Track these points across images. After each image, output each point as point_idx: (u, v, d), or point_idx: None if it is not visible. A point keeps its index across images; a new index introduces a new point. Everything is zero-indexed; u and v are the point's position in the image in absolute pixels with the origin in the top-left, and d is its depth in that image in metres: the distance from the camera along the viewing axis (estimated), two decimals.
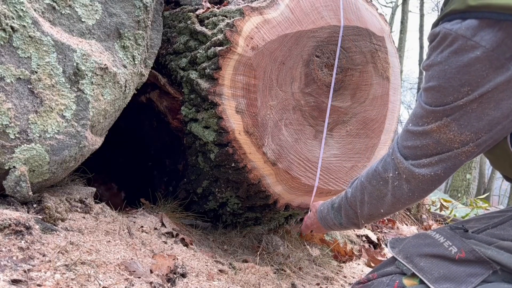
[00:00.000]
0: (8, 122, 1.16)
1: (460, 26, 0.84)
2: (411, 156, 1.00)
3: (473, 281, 0.88)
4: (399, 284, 0.98)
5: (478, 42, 0.82)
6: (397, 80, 1.99)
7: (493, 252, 0.88)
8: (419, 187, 1.01)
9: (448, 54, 0.87)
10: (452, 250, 0.93)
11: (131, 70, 1.52)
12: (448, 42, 0.87)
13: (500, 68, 0.82)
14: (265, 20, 1.59)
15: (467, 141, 0.91)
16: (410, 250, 1.01)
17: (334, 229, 1.32)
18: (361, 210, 1.17)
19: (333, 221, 1.30)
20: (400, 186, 1.03)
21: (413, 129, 0.98)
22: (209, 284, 1.25)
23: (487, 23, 0.81)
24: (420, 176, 0.98)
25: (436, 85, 0.90)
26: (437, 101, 0.91)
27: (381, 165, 1.10)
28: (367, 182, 1.13)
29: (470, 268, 0.90)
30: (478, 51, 0.82)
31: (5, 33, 1.13)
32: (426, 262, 0.96)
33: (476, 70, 0.84)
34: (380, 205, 1.11)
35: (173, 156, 2.01)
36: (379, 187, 1.09)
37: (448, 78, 0.88)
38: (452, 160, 0.95)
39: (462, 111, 0.88)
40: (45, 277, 0.92)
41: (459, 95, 0.87)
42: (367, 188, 1.13)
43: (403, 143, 1.02)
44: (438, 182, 0.99)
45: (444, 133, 0.92)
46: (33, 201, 1.27)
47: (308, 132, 1.74)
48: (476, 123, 0.88)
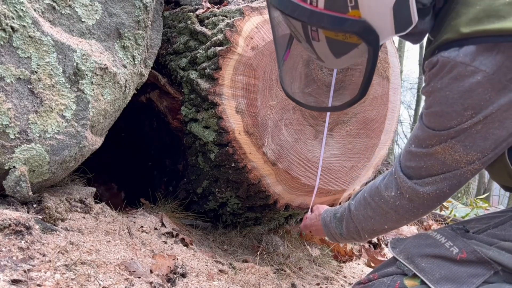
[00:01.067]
0: (8, 122, 1.16)
1: (457, 53, 0.84)
2: (415, 176, 0.99)
3: (474, 282, 0.88)
4: (400, 284, 0.98)
5: (478, 67, 0.82)
6: (397, 80, 1.99)
7: (494, 253, 0.87)
8: (424, 204, 1.00)
9: (448, 81, 0.87)
10: (453, 250, 0.93)
11: (131, 70, 1.52)
12: (447, 69, 0.86)
13: (502, 89, 0.82)
14: (265, 20, 1.59)
15: (473, 160, 0.90)
16: (411, 250, 1.01)
17: (336, 238, 1.30)
18: (365, 224, 1.15)
19: (334, 230, 1.29)
20: (403, 205, 1.02)
21: (416, 151, 0.97)
22: (209, 284, 1.25)
23: (485, 48, 0.82)
24: (425, 195, 0.97)
25: (439, 110, 0.90)
26: (441, 126, 0.91)
27: (383, 183, 1.08)
28: (370, 198, 1.12)
29: (472, 268, 0.89)
30: (478, 76, 0.82)
31: (5, 33, 1.13)
32: (427, 263, 0.95)
33: (479, 94, 0.83)
34: (383, 221, 1.10)
35: (173, 156, 2.01)
36: (380, 205, 1.08)
37: (450, 104, 0.87)
38: (458, 178, 0.94)
39: (467, 133, 0.88)
40: (45, 277, 0.92)
41: (463, 119, 0.87)
42: (371, 204, 1.12)
43: (406, 163, 1.01)
44: (443, 198, 0.98)
45: (450, 154, 0.91)
46: (33, 201, 1.27)
47: (308, 132, 1.74)
48: (482, 143, 0.88)
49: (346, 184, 1.84)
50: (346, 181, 1.84)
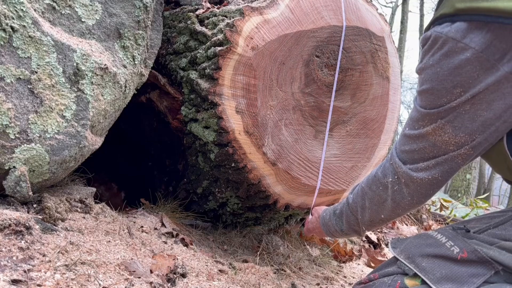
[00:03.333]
0: (8, 122, 1.16)
1: (449, 29, 0.86)
2: (409, 161, 1.01)
3: (475, 282, 0.88)
4: (401, 284, 0.98)
5: (468, 44, 0.84)
6: (397, 80, 1.99)
7: (495, 253, 0.87)
8: (418, 191, 1.02)
9: (439, 57, 0.89)
10: (454, 250, 0.93)
11: (131, 70, 1.52)
12: (439, 45, 0.88)
13: (490, 69, 0.83)
14: (265, 20, 1.59)
15: (462, 143, 0.92)
16: (412, 250, 1.01)
17: (336, 235, 1.33)
18: (362, 216, 1.18)
19: (334, 227, 1.31)
20: (400, 190, 1.04)
21: (410, 133, 1.00)
22: (209, 284, 1.25)
23: (476, 25, 0.83)
24: (418, 180, 0.99)
25: (430, 87, 0.92)
26: (431, 104, 0.93)
27: (380, 171, 1.11)
28: (367, 188, 1.15)
29: (472, 268, 0.90)
30: (468, 53, 0.84)
31: (5, 33, 1.13)
32: (428, 262, 0.95)
33: (467, 71, 0.85)
34: (380, 210, 1.12)
35: (173, 156, 2.01)
36: (379, 193, 1.10)
37: (440, 80, 0.89)
38: (449, 163, 0.96)
39: (456, 113, 0.90)
40: (45, 277, 0.92)
41: (452, 97, 0.89)
42: (368, 194, 1.14)
43: (401, 147, 1.04)
44: (436, 186, 1.00)
45: (439, 136, 0.93)
46: (33, 201, 1.27)
47: (308, 132, 1.74)
48: (470, 124, 0.89)
49: (346, 184, 1.85)
50: (346, 181, 1.84)
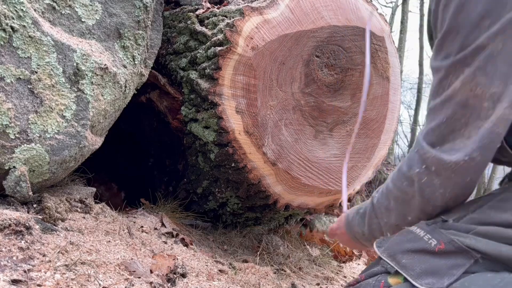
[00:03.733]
0: (8, 122, 1.16)
1: None
2: (439, 140, 0.87)
3: (454, 273, 0.85)
4: (385, 283, 0.95)
5: None
6: (397, 80, 1.99)
7: (471, 241, 0.84)
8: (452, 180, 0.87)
9: None
10: (432, 242, 0.90)
11: (131, 70, 1.52)
12: None
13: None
14: (265, 20, 1.59)
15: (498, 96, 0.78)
16: (394, 247, 0.98)
17: (358, 238, 1.15)
18: (387, 219, 1.04)
19: (357, 228, 1.15)
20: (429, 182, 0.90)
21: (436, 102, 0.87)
22: (209, 284, 1.25)
23: None
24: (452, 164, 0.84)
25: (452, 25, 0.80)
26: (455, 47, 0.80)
27: (405, 164, 0.96)
28: (392, 185, 1.01)
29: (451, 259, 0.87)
30: None
31: (5, 33, 1.13)
32: (408, 258, 0.92)
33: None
34: (407, 211, 0.99)
35: (173, 156, 2.01)
36: (404, 189, 0.97)
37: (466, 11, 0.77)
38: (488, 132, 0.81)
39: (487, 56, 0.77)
40: (45, 277, 0.92)
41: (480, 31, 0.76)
42: (392, 192, 1.00)
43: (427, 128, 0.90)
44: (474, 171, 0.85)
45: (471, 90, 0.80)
46: (33, 201, 1.27)
47: (308, 132, 1.74)
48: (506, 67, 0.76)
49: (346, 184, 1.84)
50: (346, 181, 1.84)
